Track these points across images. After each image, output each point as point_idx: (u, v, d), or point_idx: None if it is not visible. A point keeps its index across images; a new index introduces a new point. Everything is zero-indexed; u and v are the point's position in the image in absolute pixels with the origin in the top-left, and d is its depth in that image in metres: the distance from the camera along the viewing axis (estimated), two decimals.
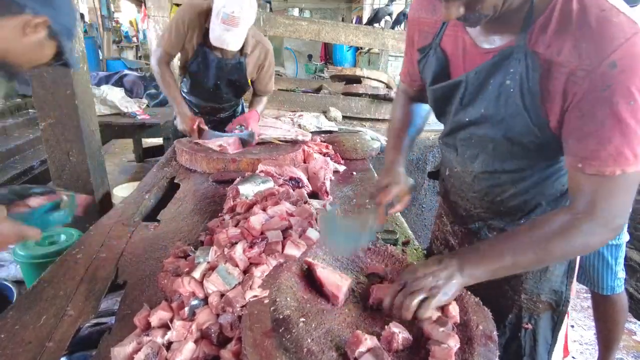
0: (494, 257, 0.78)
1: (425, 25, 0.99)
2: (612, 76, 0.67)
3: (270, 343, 0.69)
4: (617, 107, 0.68)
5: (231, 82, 2.21)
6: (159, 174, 1.83)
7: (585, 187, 0.75)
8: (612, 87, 0.67)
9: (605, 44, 0.67)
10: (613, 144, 0.70)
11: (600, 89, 0.69)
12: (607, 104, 0.69)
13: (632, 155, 0.70)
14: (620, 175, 0.71)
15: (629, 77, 0.66)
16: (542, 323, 1.05)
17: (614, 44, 0.66)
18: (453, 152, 1.03)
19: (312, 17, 10.41)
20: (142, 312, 0.83)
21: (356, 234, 0.97)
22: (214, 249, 0.96)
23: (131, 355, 0.74)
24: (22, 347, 0.81)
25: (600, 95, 0.69)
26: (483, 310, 0.82)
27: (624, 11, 0.68)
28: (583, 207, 0.76)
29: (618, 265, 1.82)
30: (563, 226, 0.77)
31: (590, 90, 0.70)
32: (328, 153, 2.07)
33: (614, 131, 0.69)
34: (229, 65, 2.12)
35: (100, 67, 7.59)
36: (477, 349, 0.72)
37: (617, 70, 0.66)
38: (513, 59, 0.78)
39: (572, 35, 0.70)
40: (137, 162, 4.64)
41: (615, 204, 0.75)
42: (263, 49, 2.19)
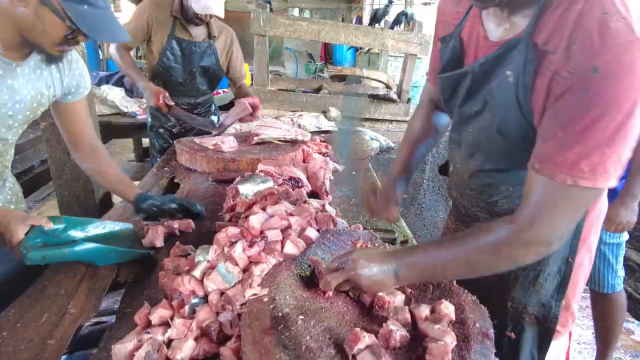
0: (427, 264, 0.79)
1: (449, 17, 0.99)
2: (591, 81, 0.63)
3: (269, 340, 0.69)
4: (588, 116, 0.63)
5: (204, 70, 2.28)
6: (159, 174, 1.84)
7: (535, 190, 0.71)
8: (588, 92, 0.63)
9: (594, 47, 0.63)
10: (572, 152, 0.66)
11: (577, 93, 0.65)
12: (579, 110, 0.65)
13: (589, 169, 0.65)
14: (570, 187, 0.67)
15: (608, 86, 0.61)
16: (527, 336, 1.02)
17: (602, 48, 0.62)
18: (457, 148, 1.03)
19: (312, 17, 10.41)
20: (143, 310, 0.84)
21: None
22: (213, 248, 0.97)
23: (132, 352, 0.74)
24: (24, 344, 0.82)
25: (575, 99, 0.65)
26: (480, 308, 0.83)
27: (628, 16, 0.62)
28: (525, 216, 0.72)
29: (618, 263, 1.83)
30: (498, 239, 0.74)
31: (568, 93, 0.66)
32: (327, 153, 2.08)
33: (578, 139, 0.65)
34: (201, 49, 2.21)
35: (100, 67, 7.59)
36: (474, 346, 0.73)
37: (598, 76, 0.62)
38: (516, 51, 0.76)
39: (568, 34, 0.67)
40: (137, 161, 4.64)
41: (556, 218, 0.70)
42: (228, 33, 2.30)
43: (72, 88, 1.20)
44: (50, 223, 1.03)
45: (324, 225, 1.13)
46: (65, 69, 1.16)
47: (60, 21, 0.94)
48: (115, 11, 11.01)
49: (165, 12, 2.09)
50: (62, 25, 0.95)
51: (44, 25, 0.94)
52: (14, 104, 1.05)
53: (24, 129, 1.17)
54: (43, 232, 1.00)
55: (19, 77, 1.05)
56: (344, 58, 9.12)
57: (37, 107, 1.13)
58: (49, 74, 1.13)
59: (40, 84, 1.10)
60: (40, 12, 0.93)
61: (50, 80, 1.13)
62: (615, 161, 0.65)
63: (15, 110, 1.07)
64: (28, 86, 1.07)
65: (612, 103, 0.62)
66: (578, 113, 0.65)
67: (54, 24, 0.94)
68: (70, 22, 0.94)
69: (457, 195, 1.09)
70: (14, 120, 1.08)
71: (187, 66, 2.24)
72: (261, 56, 3.16)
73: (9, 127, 1.09)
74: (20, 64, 1.05)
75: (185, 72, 2.26)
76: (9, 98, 1.03)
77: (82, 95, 1.25)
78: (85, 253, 1.02)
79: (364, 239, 1.07)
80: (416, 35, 3.23)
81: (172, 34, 2.13)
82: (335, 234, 1.07)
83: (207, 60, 2.26)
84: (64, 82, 1.17)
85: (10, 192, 1.22)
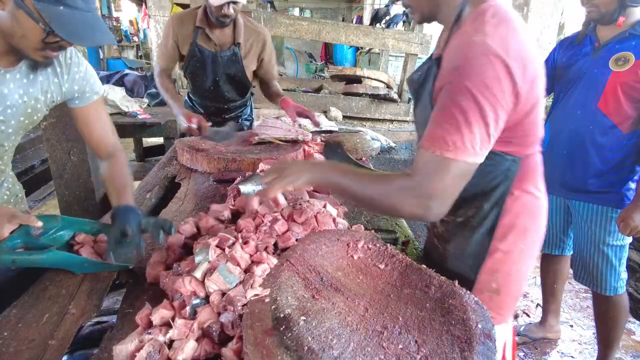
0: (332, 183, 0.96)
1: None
2: (453, 76, 0.82)
3: (271, 341, 0.69)
4: (450, 100, 0.82)
5: (230, 77, 2.23)
6: (160, 174, 1.84)
7: (419, 160, 0.87)
8: (452, 85, 0.82)
9: (458, 54, 0.83)
10: (440, 129, 0.83)
11: (445, 85, 0.84)
12: (446, 96, 0.83)
13: (452, 142, 0.81)
14: (439, 157, 0.83)
15: (464, 80, 0.80)
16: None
17: (460, 53, 0.82)
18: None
19: (313, 16, 10.41)
20: (144, 310, 0.83)
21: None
22: (213, 249, 0.97)
23: (133, 353, 0.74)
24: (25, 344, 0.81)
25: (445, 91, 0.84)
26: (482, 309, 0.83)
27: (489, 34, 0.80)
28: (414, 178, 0.86)
29: (621, 266, 1.82)
30: (391, 175, 0.90)
31: (443, 88, 0.85)
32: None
33: (445, 119, 0.82)
34: (225, 57, 2.16)
35: (100, 67, 7.60)
36: (477, 347, 0.72)
37: (457, 73, 0.81)
38: (434, 63, 0.94)
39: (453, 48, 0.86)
40: (138, 161, 4.64)
41: (433, 176, 0.84)
42: (259, 37, 2.20)
43: (76, 93, 1.17)
44: (39, 222, 0.99)
45: (324, 226, 1.12)
46: (64, 74, 1.12)
47: (36, 24, 0.88)
48: (116, 11, 11.02)
49: (189, 25, 2.08)
50: (38, 29, 0.88)
51: (22, 29, 0.89)
52: (5, 109, 1.03)
53: (20, 135, 1.14)
54: (27, 233, 0.98)
55: (8, 82, 1.02)
56: (345, 58, 9.12)
57: (33, 113, 1.10)
58: (46, 79, 1.09)
59: (34, 89, 1.07)
60: (17, 16, 0.87)
61: (47, 86, 1.10)
62: (473, 139, 0.81)
63: (6, 116, 1.04)
64: (20, 91, 1.04)
65: (465, 93, 0.79)
66: (445, 100, 0.83)
67: (30, 28, 0.88)
68: (45, 24, 0.87)
69: None
70: (6, 126, 1.06)
71: (211, 74, 2.21)
72: None
73: (1, 132, 1.07)
74: (10, 70, 1.02)
75: (209, 80, 2.23)
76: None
77: (92, 100, 1.21)
78: (57, 261, 1.00)
79: (365, 240, 1.07)
80: (417, 35, 3.23)
81: (194, 42, 2.11)
82: (336, 234, 1.07)
83: (232, 69, 2.21)
84: (64, 87, 1.13)
85: (9, 192, 1.22)
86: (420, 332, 0.77)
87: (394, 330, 0.77)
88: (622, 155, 1.71)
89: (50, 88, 1.11)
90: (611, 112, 1.68)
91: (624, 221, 1.63)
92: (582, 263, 1.92)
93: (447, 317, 0.81)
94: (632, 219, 1.61)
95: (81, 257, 1.04)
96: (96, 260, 1.05)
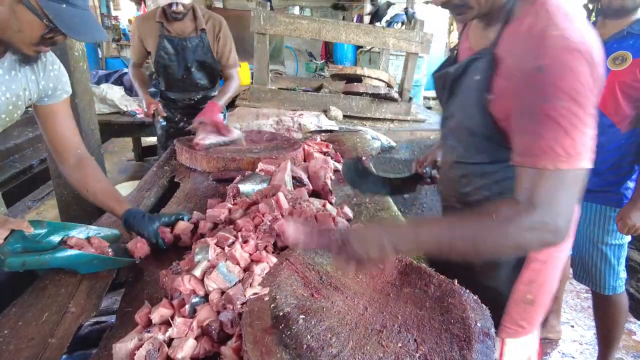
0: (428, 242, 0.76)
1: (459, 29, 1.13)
2: (539, 78, 0.74)
3: (270, 340, 0.69)
4: (546, 106, 0.73)
5: (200, 64, 2.37)
6: (159, 173, 1.84)
7: (525, 181, 0.77)
8: (539, 87, 0.74)
9: (536, 51, 0.75)
10: (545, 139, 0.74)
11: (530, 88, 0.76)
12: (538, 103, 0.75)
13: (563, 151, 0.73)
14: (554, 172, 0.74)
15: (555, 81, 0.72)
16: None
17: (542, 52, 0.74)
18: (444, 141, 1.13)
19: (313, 15, 10.41)
20: (144, 309, 0.84)
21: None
22: (212, 247, 0.97)
23: (133, 351, 0.74)
24: (25, 343, 0.82)
25: (533, 95, 0.75)
26: (481, 307, 0.83)
27: (563, 30, 0.74)
28: (523, 200, 0.75)
29: (620, 265, 1.82)
30: (505, 218, 0.75)
31: (522, 90, 0.77)
32: (328, 152, 2.08)
33: (546, 128, 0.74)
34: (193, 43, 2.30)
35: (99, 66, 7.59)
36: (476, 345, 0.73)
37: (544, 74, 0.73)
38: (483, 59, 0.87)
39: (520, 43, 0.79)
40: (137, 160, 4.64)
41: (553, 202, 0.74)
42: (215, 21, 2.35)
43: (49, 90, 1.16)
44: (30, 227, 1.00)
45: (324, 225, 1.12)
46: (40, 71, 1.12)
47: (38, 20, 0.90)
48: (115, 10, 10.99)
49: (151, 22, 2.29)
50: (40, 24, 0.91)
51: (20, 24, 0.91)
52: None
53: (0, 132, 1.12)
54: (24, 237, 0.98)
55: None
56: (345, 57, 9.10)
57: (14, 110, 1.09)
58: (24, 76, 1.09)
59: (16, 85, 1.06)
60: (16, 10, 0.89)
61: (25, 82, 1.09)
62: (583, 142, 0.73)
63: None
64: (2, 87, 1.03)
65: (562, 95, 0.72)
66: (537, 106, 0.75)
67: (30, 23, 0.91)
68: (49, 20, 0.90)
69: (442, 187, 1.17)
70: None
71: (182, 62, 2.34)
72: (261, 55, 3.16)
73: None
74: None
75: (181, 68, 2.35)
76: None
77: (61, 98, 1.19)
78: (67, 260, 1.00)
79: None
80: (417, 34, 3.22)
81: (162, 34, 2.28)
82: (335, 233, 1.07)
83: (201, 55, 2.34)
84: (40, 84, 1.13)
85: None
86: (419, 331, 0.77)
87: (393, 328, 0.77)
88: (620, 154, 1.71)
89: (29, 85, 1.11)
90: (609, 111, 1.68)
91: (623, 220, 1.63)
92: (581, 262, 1.92)
93: (446, 315, 0.81)
94: (630, 218, 1.61)
95: (91, 254, 1.04)
96: (104, 256, 1.06)
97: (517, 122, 0.80)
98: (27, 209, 3.60)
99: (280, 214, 1.12)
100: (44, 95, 1.16)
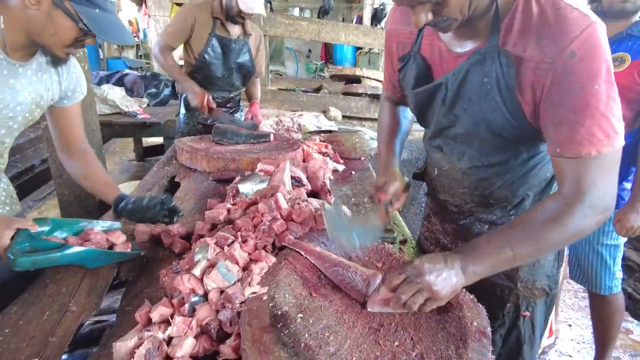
0: (494, 253, 0.79)
1: (402, 37, 1.05)
2: (573, 64, 0.73)
3: (268, 338, 0.70)
4: (582, 92, 0.73)
5: (240, 65, 2.43)
6: (160, 173, 1.85)
7: (568, 171, 0.78)
8: (575, 74, 0.73)
9: (563, 37, 0.73)
10: (585, 127, 0.74)
11: (564, 77, 0.74)
12: (573, 90, 0.74)
13: (604, 135, 0.74)
14: (597, 156, 0.75)
15: (589, 64, 0.72)
16: (538, 309, 1.08)
17: (570, 36, 0.72)
18: (439, 152, 1.07)
19: (313, 17, 10.41)
20: (143, 308, 0.84)
21: (360, 231, 0.99)
22: (212, 247, 0.98)
23: (132, 350, 0.75)
24: (26, 341, 0.82)
25: (565, 83, 0.75)
26: (477, 307, 0.84)
27: (577, 7, 0.74)
28: (570, 191, 0.78)
29: (616, 265, 1.83)
30: (555, 213, 0.78)
31: (556, 80, 0.76)
32: (327, 152, 2.09)
33: (584, 114, 0.74)
34: (239, 46, 2.36)
35: (100, 67, 7.60)
36: (471, 344, 0.73)
37: (577, 59, 0.72)
38: (488, 59, 0.83)
39: (534, 33, 0.77)
40: (138, 161, 4.65)
41: (600, 185, 0.77)
42: (257, 32, 2.52)
43: (69, 92, 1.21)
44: (35, 225, 1.02)
45: (322, 225, 1.13)
46: (63, 73, 1.17)
47: (73, 24, 0.97)
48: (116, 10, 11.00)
49: (206, 13, 2.25)
50: (75, 28, 0.98)
51: (55, 27, 0.97)
52: (15, 106, 1.06)
53: (20, 132, 1.16)
54: (30, 236, 0.99)
55: (21, 78, 1.05)
56: (345, 57, 9.11)
57: (35, 110, 1.13)
58: (49, 77, 1.13)
59: (40, 86, 1.11)
60: (53, 15, 0.95)
61: (50, 84, 1.14)
62: (618, 120, 0.75)
63: (15, 112, 1.07)
64: (29, 88, 1.08)
65: (595, 76, 0.72)
66: (574, 93, 0.74)
67: (66, 27, 0.97)
68: (84, 24, 0.97)
69: (446, 196, 1.12)
70: (13, 121, 1.09)
71: (226, 62, 2.38)
72: None
73: (8, 128, 1.09)
74: (24, 64, 1.05)
75: (224, 68, 2.39)
76: (12, 99, 1.04)
77: (78, 99, 1.25)
78: (76, 256, 1.02)
79: None
80: None
81: (213, 32, 2.27)
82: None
83: (242, 58, 2.41)
84: (62, 85, 1.18)
85: (5, 193, 1.23)
86: (416, 330, 0.78)
87: (390, 327, 0.78)
88: None
89: (52, 86, 1.15)
90: None
91: (620, 222, 1.64)
92: (577, 262, 1.93)
93: (442, 314, 0.82)
94: (628, 220, 1.62)
95: (98, 249, 1.06)
96: (111, 250, 1.09)
97: (552, 113, 0.78)
98: (28, 208, 3.60)
99: (280, 214, 1.13)
100: (64, 96, 1.21)
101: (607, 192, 0.78)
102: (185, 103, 2.49)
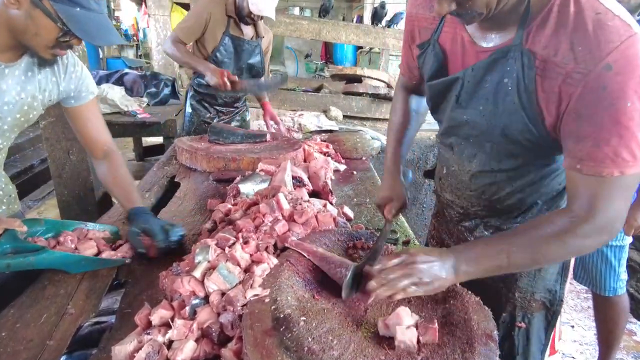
0: (490, 257, 0.78)
1: (423, 22, 0.99)
2: (607, 78, 0.67)
3: (270, 342, 0.69)
4: (613, 109, 0.68)
5: (250, 66, 2.44)
6: (160, 173, 1.83)
7: (583, 188, 0.74)
8: (608, 88, 0.67)
9: (600, 46, 0.67)
10: (610, 146, 0.69)
11: (596, 90, 0.69)
12: (603, 106, 0.68)
13: (631, 156, 0.69)
14: (618, 177, 0.70)
15: (624, 79, 0.66)
16: (536, 322, 1.05)
17: (608, 46, 0.67)
18: (450, 151, 1.04)
19: (313, 16, 10.39)
20: (143, 310, 0.83)
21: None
22: (213, 248, 0.96)
23: (132, 353, 0.74)
24: (23, 344, 0.81)
25: (596, 97, 0.69)
26: (484, 309, 0.82)
27: (619, 14, 0.69)
28: (581, 209, 0.75)
29: (621, 266, 1.82)
30: (560, 229, 0.76)
31: (586, 92, 0.70)
32: (328, 152, 2.07)
33: (612, 132, 0.69)
34: (251, 46, 2.37)
35: (100, 66, 7.58)
36: (478, 348, 0.72)
37: (613, 72, 0.67)
38: (510, 58, 0.79)
39: (569, 38, 0.71)
40: (137, 160, 4.63)
41: (613, 207, 0.73)
42: (269, 35, 2.52)
43: (72, 92, 1.19)
44: (23, 227, 1.00)
45: (324, 225, 1.12)
46: (61, 73, 1.15)
47: (53, 24, 0.93)
48: (116, 10, 10.99)
49: (220, 11, 2.23)
50: (55, 28, 0.94)
51: (36, 27, 0.94)
52: (2, 106, 1.04)
53: (15, 133, 1.15)
54: (15, 238, 0.97)
55: (7, 78, 1.03)
56: (345, 57, 9.10)
57: (29, 111, 1.11)
58: (44, 78, 1.11)
59: (32, 87, 1.08)
60: (32, 15, 0.92)
61: (45, 84, 1.12)
62: None
63: (3, 112, 1.05)
64: (17, 88, 1.05)
65: (629, 93, 0.66)
66: (604, 109, 0.69)
67: (46, 27, 0.94)
68: (63, 24, 0.93)
69: (452, 197, 1.09)
70: (2, 122, 1.07)
71: (237, 62, 2.38)
72: None
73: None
74: (10, 65, 1.03)
75: (235, 68, 2.37)
76: None
77: (87, 99, 1.23)
78: (53, 261, 0.99)
79: (365, 239, 1.06)
80: None
81: (227, 31, 2.27)
82: (336, 233, 1.07)
83: (254, 59, 2.42)
84: (61, 86, 1.15)
85: (2, 192, 1.21)
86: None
87: None
88: None
89: (49, 86, 1.13)
90: None
91: (628, 222, 1.62)
92: (581, 263, 1.91)
93: (448, 317, 0.80)
94: (636, 219, 1.60)
95: (77, 255, 1.03)
96: (92, 257, 1.05)
97: (576, 126, 0.73)
98: (27, 208, 3.59)
99: (281, 214, 1.12)
100: (66, 96, 1.19)
101: (618, 216, 0.74)
102: (192, 102, 2.49)
